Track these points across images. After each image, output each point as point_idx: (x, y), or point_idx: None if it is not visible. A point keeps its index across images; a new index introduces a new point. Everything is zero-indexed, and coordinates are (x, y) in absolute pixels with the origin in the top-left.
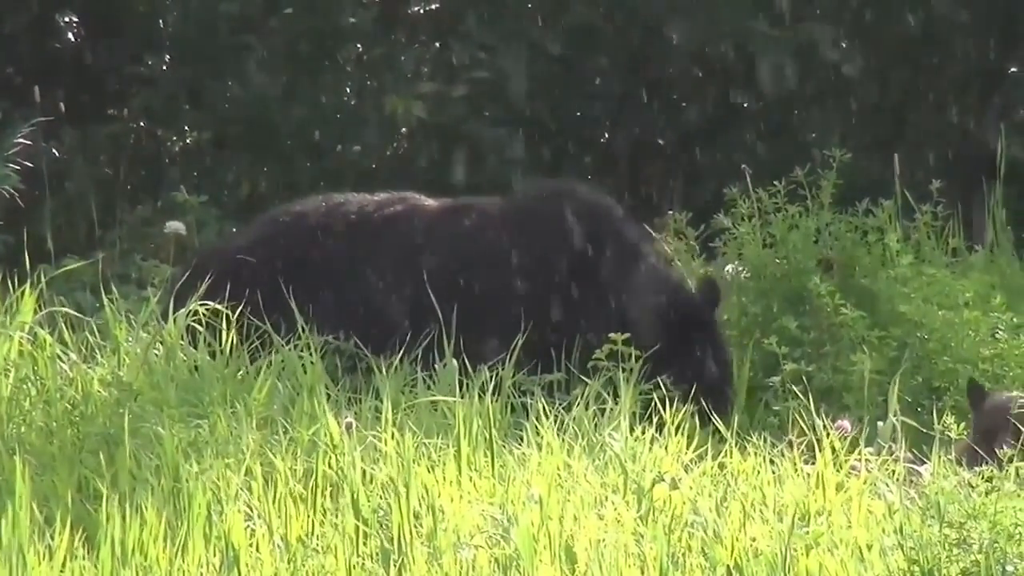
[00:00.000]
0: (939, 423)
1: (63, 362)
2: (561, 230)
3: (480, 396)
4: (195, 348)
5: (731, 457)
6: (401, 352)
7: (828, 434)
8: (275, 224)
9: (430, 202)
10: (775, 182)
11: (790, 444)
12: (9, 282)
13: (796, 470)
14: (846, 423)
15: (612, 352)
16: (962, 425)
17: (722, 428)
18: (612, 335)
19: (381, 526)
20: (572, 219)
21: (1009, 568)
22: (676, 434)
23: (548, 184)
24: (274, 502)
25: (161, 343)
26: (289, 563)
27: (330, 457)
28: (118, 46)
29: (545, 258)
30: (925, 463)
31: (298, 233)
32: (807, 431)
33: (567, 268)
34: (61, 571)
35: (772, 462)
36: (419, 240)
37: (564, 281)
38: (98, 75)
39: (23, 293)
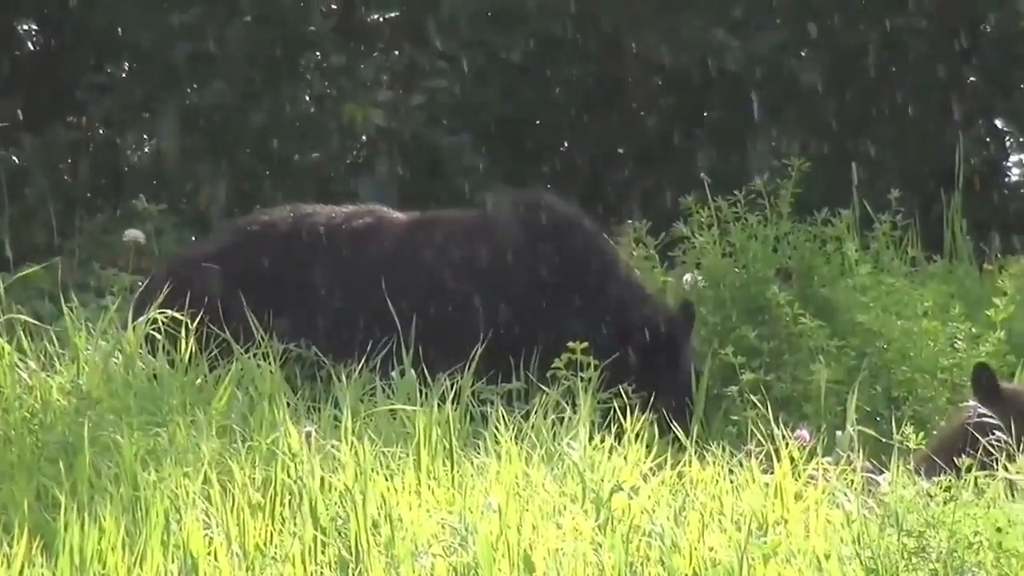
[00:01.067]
0: (897, 432)
1: (22, 370)
2: (527, 242)
3: (439, 405)
4: (155, 357)
5: (690, 466)
6: (361, 361)
7: (786, 443)
8: (242, 233)
9: (398, 215)
10: (734, 191)
11: (748, 453)
12: None
13: (754, 479)
14: (805, 432)
15: (571, 361)
16: (921, 435)
17: (681, 436)
18: (571, 344)
19: (339, 535)
20: (538, 231)
21: None
22: (635, 443)
23: (515, 196)
24: (232, 511)
25: (120, 351)
26: (247, 572)
27: (289, 466)
28: (78, 54)
29: (506, 269)
30: (883, 472)
31: (265, 242)
32: (765, 440)
33: (532, 280)
34: None
35: (731, 471)
36: (385, 252)
37: (530, 292)
38: (58, 83)
39: None
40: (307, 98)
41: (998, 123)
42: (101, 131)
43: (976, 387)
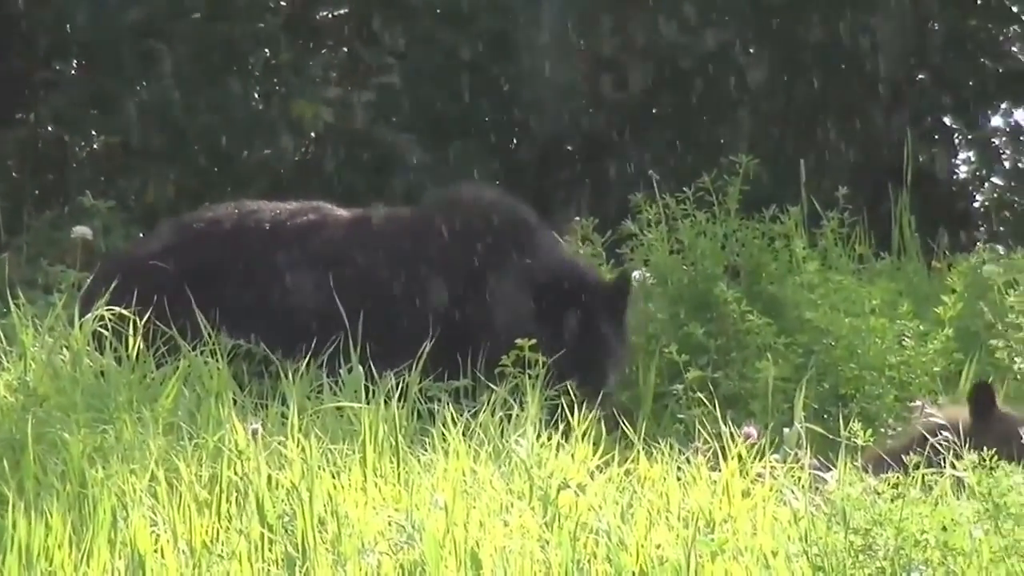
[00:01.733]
0: (845, 430)
1: None
2: (466, 237)
3: (386, 402)
4: (102, 354)
5: (637, 463)
6: (308, 358)
7: (734, 441)
8: (188, 230)
9: (342, 211)
10: (683, 188)
11: (696, 451)
12: None
13: (702, 477)
14: (752, 430)
15: (519, 358)
16: (868, 432)
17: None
18: (519, 340)
19: (286, 532)
20: (478, 226)
21: (914, 574)
22: (582, 440)
23: (456, 191)
24: (179, 508)
25: (67, 348)
26: (194, 569)
27: (235, 463)
28: (27, 51)
29: (451, 265)
30: (831, 470)
31: (211, 239)
32: (713, 438)
33: (473, 275)
34: None
35: (678, 469)
36: (329, 248)
37: (471, 287)
38: (5, 80)
39: None
40: (256, 95)
41: (946, 120)
42: (50, 128)
43: (972, 403)
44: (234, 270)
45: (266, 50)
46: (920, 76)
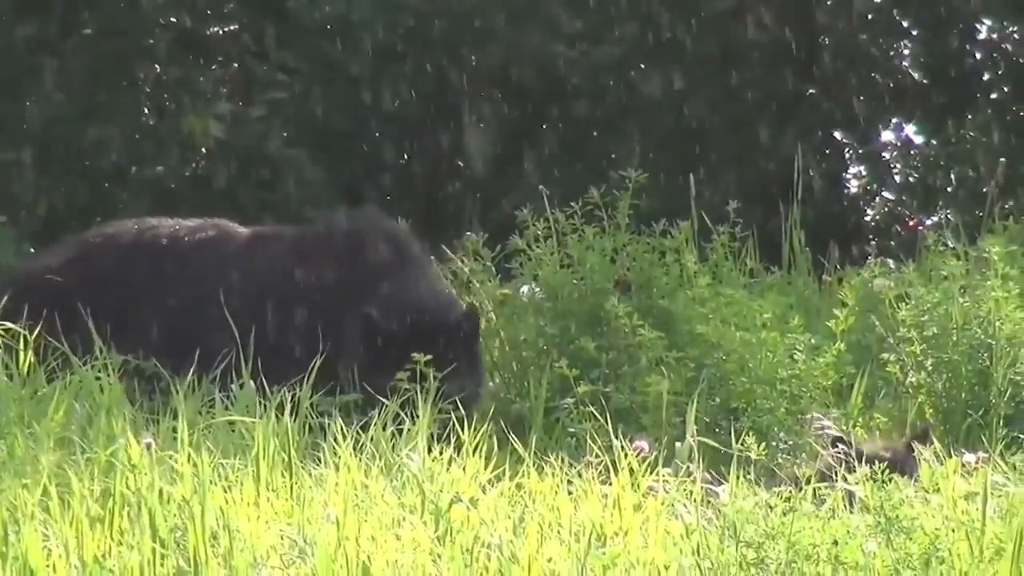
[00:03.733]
0: (737, 443)
1: None
2: (350, 257)
3: (277, 417)
4: None
5: (528, 477)
6: (198, 373)
7: (625, 455)
8: (85, 245)
9: (241, 229)
10: (571, 203)
11: (587, 465)
12: None
13: (593, 491)
14: (643, 444)
15: (412, 374)
16: (760, 445)
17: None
18: (415, 355)
19: (178, 546)
20: (361, 247)
21: None
22: (473, 455)
23: (346, 214)
24: (71, 523)
25: None
26: None
27: (128, 478)
28: None
29: (334, 283)
30: (723, 483)
31: (107, 254)
32: (604, 452)
33: (355, 292)
34: None
35: (569, 483)
36: (224, 265)
37: (353, 304)
38: None
39: None
40: (146, 110)
41: (837, 135)
42: None
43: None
44: (128, 285)
45: (156, 66)
46: (811, 91)
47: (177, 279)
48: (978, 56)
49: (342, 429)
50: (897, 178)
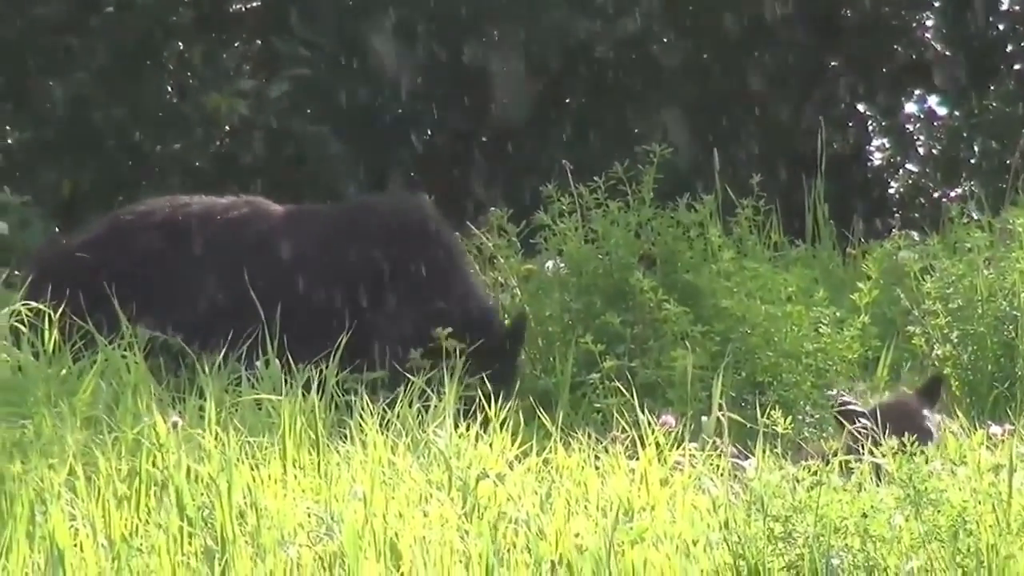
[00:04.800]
0: (763, 417)
1: None
2: (382, 237)
3: (304, 394)
4: (19, 349)
5: (555, 453)
6: (225, 351)
7: (652, 430)
8: (117, 223)
9: (275, 207)
10: (595, 178)
11: (614, 440)
12: None
13: (620, 466)
14: (670, 418)
15: (434, 350)
16: (786, 419)
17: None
18: (438, 330)
19: (205, 524)
20: (393, 227)
21: (835, 561)
22: (500, 431)
23: (380, 195)
24: (98, 502)
25: None
26: (113, 563)
27: (154, 456)
28: None
29: (367, 262)
30: (749, 457)
31: (139, 231)
32: (630, 427)
33: (388, 272)
34: None
35: (596, 458)
36: (253, 243)
37: (385, 284)
38: None
39: None
40: (169, 89)
41: (860, 107)
42: None
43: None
44: (158, 263)
45: (179, 43)
46: (833, 63)
47: (209, 257)
48: (1001, 27)
49: (369, 406)
50: (920, 150)
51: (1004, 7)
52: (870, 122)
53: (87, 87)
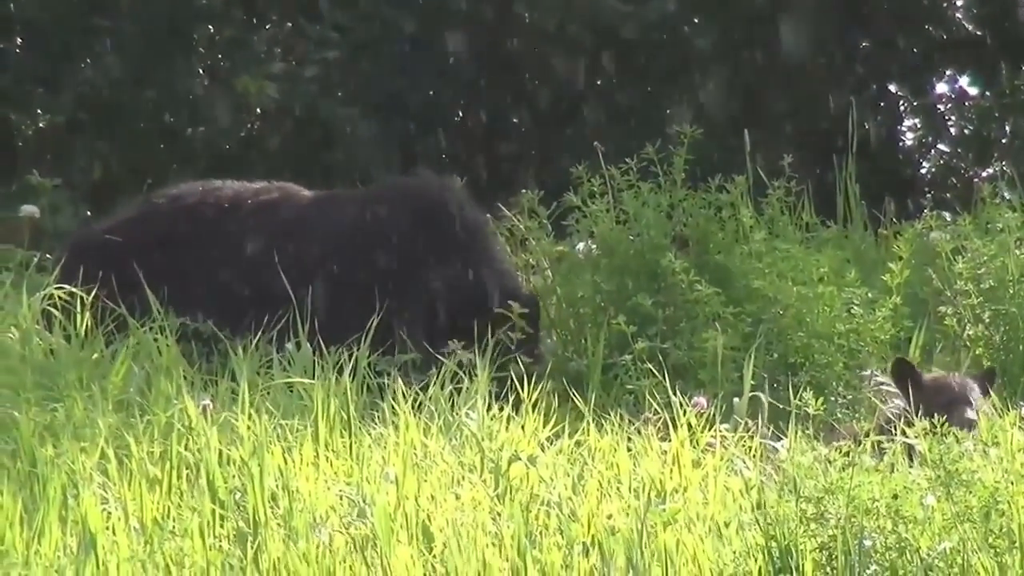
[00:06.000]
0: (795, 398)
1: None
2: (407, 220)
3: (336, 377)
4: (51, 332)
5: (587, 435)
6: (259, 334)
7: (684, 411)
8: (149, 207)
9: (305, 192)
10: (626, 160)
11: (646, 421)
12: None
13: (652, 447)
14: (702, 400)
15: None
16: (819, 400)
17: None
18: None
19: (238, 507)
20: (419, 209)
21: (867, 542)
22: (532, 413)
23: (408, 179)
24: (130, 485)
25: (16, 327)
26: (146, 546)
27: (186, 439)
28: None
29: (397, 246)
30: (782, 439)
31: (171, 216)
32: (662, 408)
33: (418, 255)
34: None
35: (628, 439)
36: (284, 227)
37: (415, 267)
38: None
39: None
40: (200, 72)
41: (891, 88)
42: None
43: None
44: (191, 246)
45: (210, 26)
46: (864, 44)
47: (240, 241)
48: None
49: (402, 389)
50: (952, 130)
51: None
52: (901, 103)
53: (117, 70)
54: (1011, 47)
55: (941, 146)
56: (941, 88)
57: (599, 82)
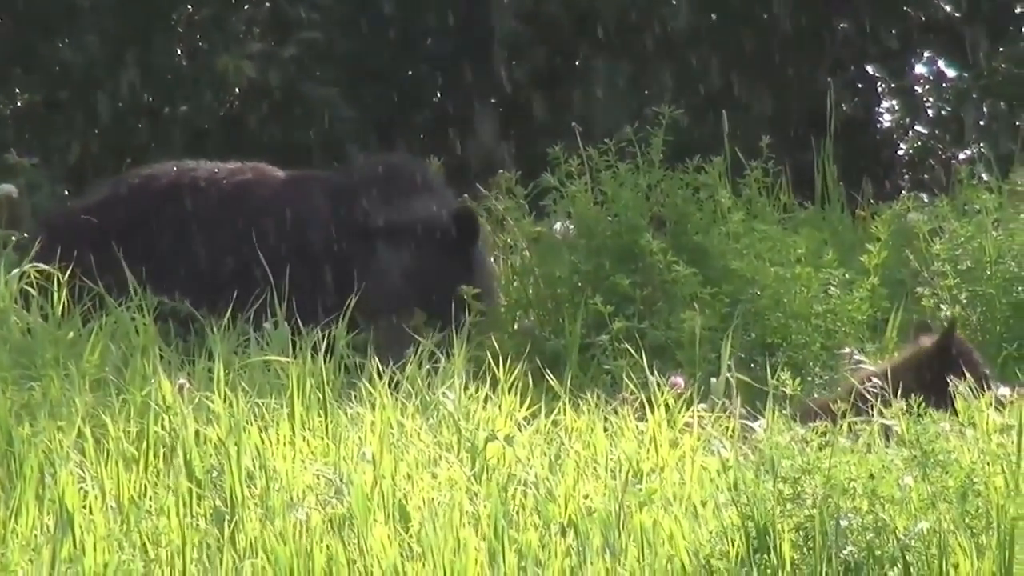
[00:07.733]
0: (772, 379)
1: None
2: (374, 198)
3: (312, 356)
4: (28, 311)
5: (564, 415)
6: (234, 313)
7: (661, 391)
8: (123, 186)
9: (278, 172)
10: (604, 140)
11: (623, 401)
12: None
13: (629, 427)
14: (679, 380)
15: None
16: (796, 380)
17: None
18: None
19: (214, 487)
20: (386, 185)
21: (843, 522)
22: (509, 393)
23: (375, 155)
24: (107, 464)
25: None
26: (123, 525)
27: (163, 418)
28: None
29: (362, 225)
30: (758, 419)
31: (145, 196)
32: (639, 388)
33: (381, 228)
34: None
35: (605, 419)
36: (259, 206)
37: (378, 241)
38: None
39: None
40: (179, 51)
41: (869, 69)
42: None
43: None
44: (165, 226)
45: (189, 6)
46: (843, 25)
47: (214, 221)
48: None
49: (378, 368)
50: (930, 112)
51: None
52: (879, 84)
53: (96, 49)
54: (989, 29)
55: (919, 127)
56: (919, 70)
57: (577, 63)
